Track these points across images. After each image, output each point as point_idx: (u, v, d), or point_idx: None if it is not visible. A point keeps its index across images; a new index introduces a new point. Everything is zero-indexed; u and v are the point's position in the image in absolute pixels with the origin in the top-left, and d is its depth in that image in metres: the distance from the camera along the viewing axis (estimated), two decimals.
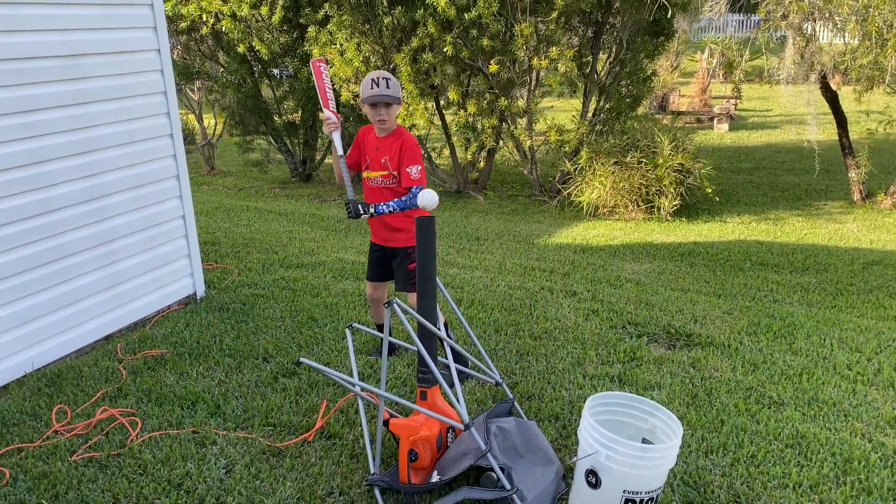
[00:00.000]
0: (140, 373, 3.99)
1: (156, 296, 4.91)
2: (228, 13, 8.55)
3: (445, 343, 3.13)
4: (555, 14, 7.37)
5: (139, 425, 3.43)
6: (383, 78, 3.59)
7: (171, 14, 8.89)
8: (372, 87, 3.58)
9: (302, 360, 2.87)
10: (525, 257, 6.65)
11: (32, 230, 3.99)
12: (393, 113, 3.64)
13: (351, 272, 5.84)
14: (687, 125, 15.30)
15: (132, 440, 3.31)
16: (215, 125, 11.55)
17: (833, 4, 5.66)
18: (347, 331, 3.30)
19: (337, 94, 8.78)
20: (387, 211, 3.64)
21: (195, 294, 5.21)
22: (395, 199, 3.66)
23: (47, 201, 4.06)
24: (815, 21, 6.22)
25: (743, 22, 23.82)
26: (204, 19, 8.68)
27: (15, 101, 3.84)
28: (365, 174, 3.81)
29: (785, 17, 6.00)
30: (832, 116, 8.52)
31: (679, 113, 15.54)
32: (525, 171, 9.50)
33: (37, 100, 3.96)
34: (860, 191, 8.56)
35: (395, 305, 2.82)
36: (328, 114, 3.71)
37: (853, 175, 8.56)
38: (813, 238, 7.48)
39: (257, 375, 3.95)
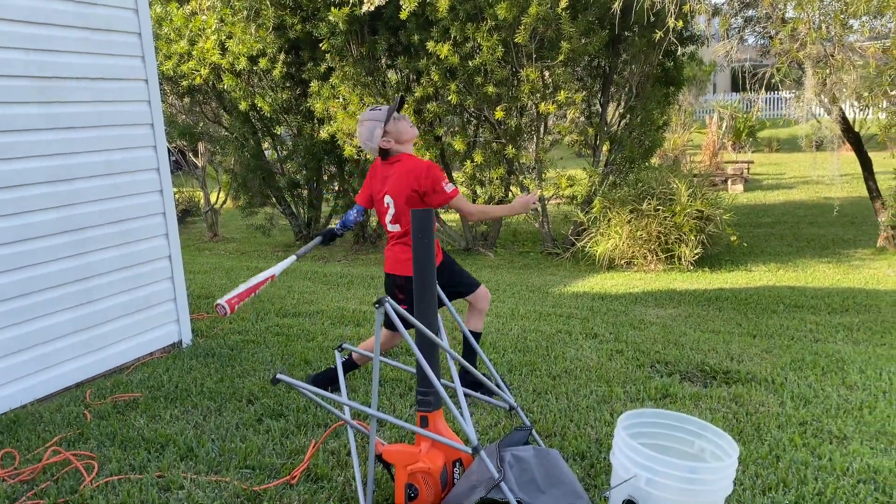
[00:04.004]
0: (107, 416, 3.53)
1: (136, 341, 4.47)
2: (227, 66, 8.44)
3: (449, 357, 2.67)
4: (561, 58, 7.17)
5: (95, 469, 2.94)
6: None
7: (172, 74, 8.82)
8: (377, 109, 3.38)
9: (279, 376, 2.42)
10: (540, 304, 6.20)
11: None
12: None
13: (352, 319, 5.40)
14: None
15: (85, 485, 2.82)
16: (218, 191, 11.37)
17: (851, 31, 5.41)
18: (336, 352, 2.86)
19: (341, 150, 8.55)
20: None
21: (180, 342, 4.77)
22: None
23: (19, 229, 3.72)
24: (832, 54, 5.96)
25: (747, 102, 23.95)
26: (203, 75, 8.57)
27: None
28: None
29: (802, 46, 5.75)
30: (849, 175, 8.20)
31: (694, 176, 15.27)
32: (536, 225, 9.14)
33: (10, 121, 3.68)
34: (892, 236, 8.10)
35: (388, 305, 2.38)
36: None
37: (882, 219, 8.13)
38: (847, 282, 6.99)
39: (239, 417, 3.47)
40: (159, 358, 4.49)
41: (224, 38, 8.22)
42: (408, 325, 2.56)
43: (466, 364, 2.72)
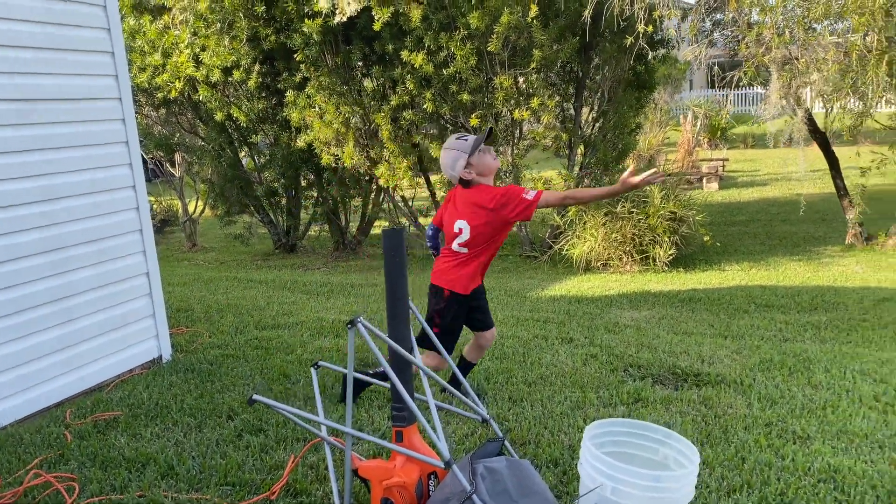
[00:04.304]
0: (88, 436, 3.56)
1: (116, 359, 4.50)
2: (202, 79, 8.45)
3: (422, 372, 2.74)
4: (533, 65, 7.27)
5: (76, 491, 2.98)
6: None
7: (146, 86, 8.80)
8: (463, 138, 3.41)
9: (255, 397, 2.48)
10: (517, 309, 6.29)
11: None
12: None
13: (331, 330, 5.46)
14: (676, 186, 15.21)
15: None
16: (196, 201, 11.35)
17: (814, 35, 5.55)
18: (312, 370, 2.92)
19: (318, 158, 8.61)
20: None
21: (160, 357, 4.80)
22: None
23: (2, 250, 3.74)
24: (797, 58, 6.10)
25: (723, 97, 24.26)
26: (178, 88, 8.58)
27: None
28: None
29: (768, 50, 5.88)
30: (821, 171, 8.38)
31: (669, 175, 15.47)
32: (514, 228, 9.24)
33: None
34: (860, 233, 8.29)
35: (361, 325, 2.45)
36: None
37: (850, 216, 8.32)
38: (817, 280, 7.15)
39: (219, 433, 3.52)
40: (139, 375, 4.52)
41: (198, 50, 8.24)
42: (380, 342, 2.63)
43: (437, 378, 2.80)
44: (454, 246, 3.51)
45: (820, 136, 8.04)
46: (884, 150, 7.76)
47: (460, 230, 3.46)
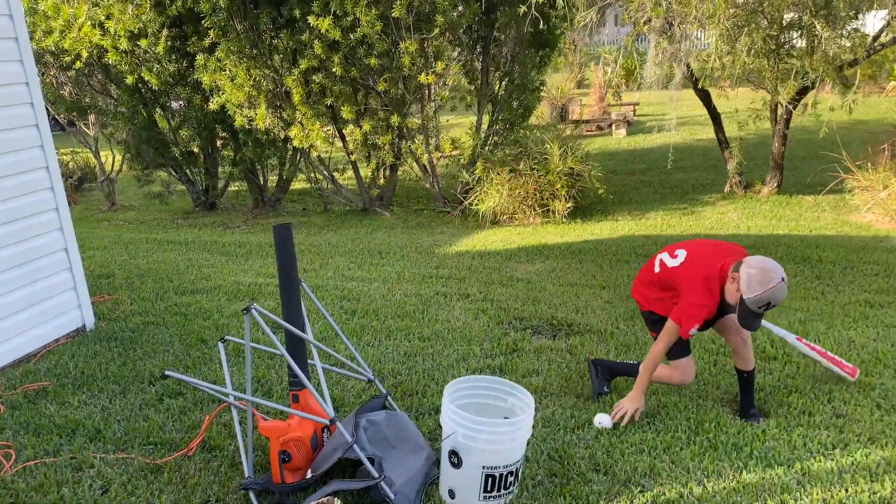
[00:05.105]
0: (19, 406, 3.93)
1: (41, 330, 4.81)
2: (110, 47, 8.46)
3: (313, 345, 3.23)
4: (436, 31, 7.62)
5: (13, 457, 3.39)
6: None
7: (54, 49, 8.73)
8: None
9: (167, 372, 2.93)
10: (424, 266, 6.81)
11: None
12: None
13: (247, 294, 5.86)
14: (588, 132, 15.88)
15: (5, 472, 3.27)
16: (114, 160, 11.33)
17: (687, 7, 6.08)
18: (220, 343, 3.37)
19: (231, 120, 8.79)
20: None
21: (84, 326, 5.13)
22: None
23: None
24: (674, 26, 6.66)
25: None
26: (84, 57, 8.57)
27: None
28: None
29: (648, 21, 6.41)
30: (723, 115, 9.10)
31: (580, 122, 16.13)
32: (427, 185, 9.71)
33: None
34: (738, 182, 9.11)
35: (254, 311, 2.91)
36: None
37: (730, 167, 9.12)
38: (697, 228, 7.91)
39: (142, 398, 3.95)
40: (65, 345, 4.86)
41: (103, 18, 8.21)
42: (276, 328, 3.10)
43: (327, 349, 3.29)
44: (669, 262, 3.57)
45: (703, 93, 8.72)
46: (758, 106, 8.53)
47: (676, 255, 3.57)
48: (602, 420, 3.52)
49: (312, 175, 10.04)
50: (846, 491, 2.95)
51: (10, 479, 3.20)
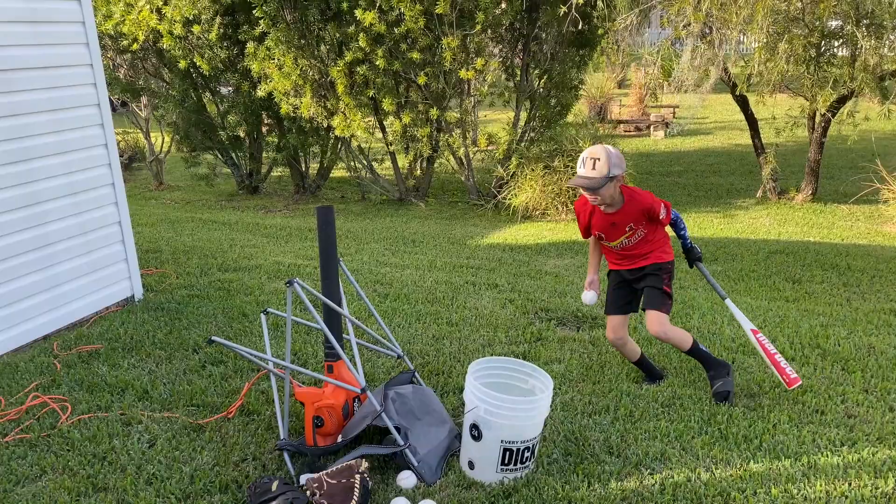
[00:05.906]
0: (74, 366, 4.24)
1: (93, 298, 5.14)
2: (165, 32, 8.82)
3: (348, 320, 3.45)
4: (478, 27, 7.80)
5: (69, 409, 3.68)
6: (591, 158, 3.43)
7: (112, 33, 9.13)
8: (578, 169, 3.52)
9: (213, 338, 3.17)
10: (456, 256, 7.01)
11: None
12: (607, 192, 3.53)
13: (287, 273, 6.12)
14: (626, 133, 15.90)
15: (62, 423, 3.56)
16: (163, 141, 11.75)
17: (727, 14, 6.16)
18: (262, 315, 3.61)
19: (277, 108, 9.08)
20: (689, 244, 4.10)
21: (133, 297, 5.45)
22: (679, 232, 4.06)
23: None
24: (713, 30, 6.74)
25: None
26: (140, 40, 8.95)
27: None
28: (604, 244, 3.92)
29: (687, 25, 6.51)
30: (762, 121, 9.12)
31: (620, 122, 16.16)
32: (462, 178, 9.90)
33: None
34: (772, 188, 9.13)
35: (297, 286, 3.14)
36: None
37: (764, 173, 9.14)
38: (728, 232, 7.98)
39: (186, 364, 4.23)
40: (115, 312, 5.17)
41: (160, 3, 8.58)
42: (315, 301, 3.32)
43: (361, 325, 3.51)
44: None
45: (741, 98, 8.76)
46: (795, 112, 8.54)
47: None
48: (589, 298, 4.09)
49: (352, 164, 10.31)
50: (849, 485, 3.07)
51: (66, 429, 3.49)
